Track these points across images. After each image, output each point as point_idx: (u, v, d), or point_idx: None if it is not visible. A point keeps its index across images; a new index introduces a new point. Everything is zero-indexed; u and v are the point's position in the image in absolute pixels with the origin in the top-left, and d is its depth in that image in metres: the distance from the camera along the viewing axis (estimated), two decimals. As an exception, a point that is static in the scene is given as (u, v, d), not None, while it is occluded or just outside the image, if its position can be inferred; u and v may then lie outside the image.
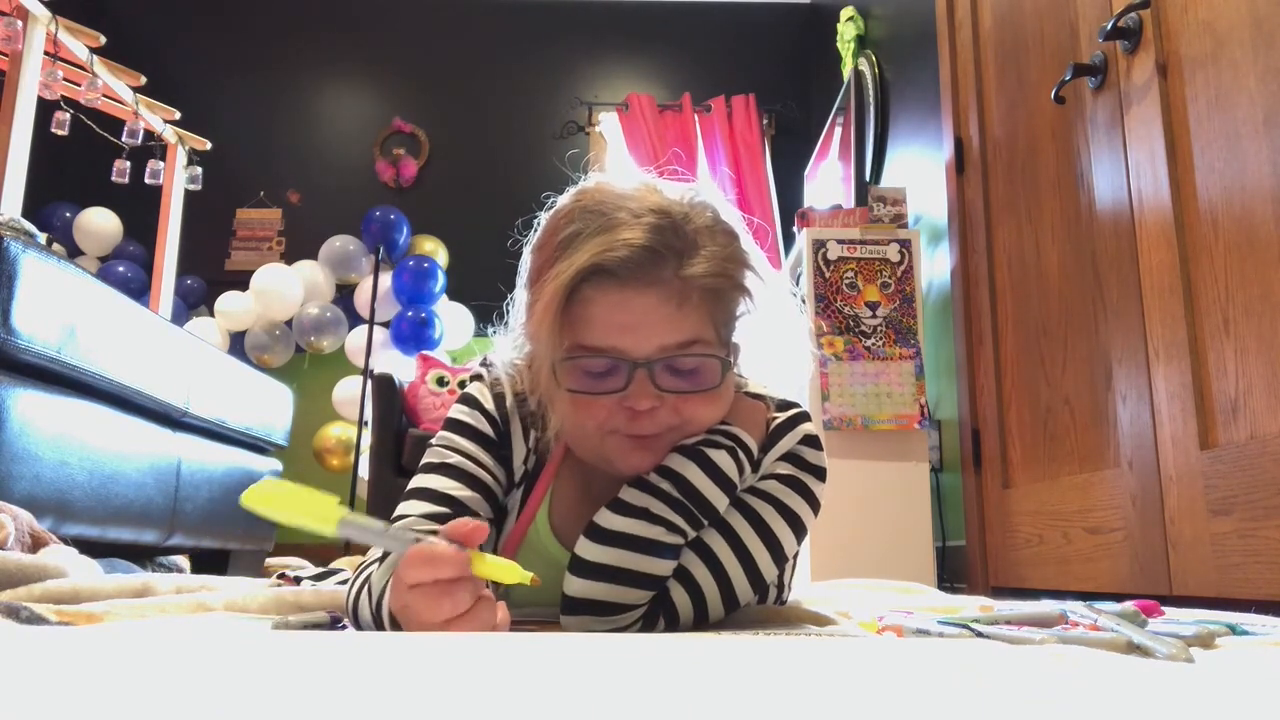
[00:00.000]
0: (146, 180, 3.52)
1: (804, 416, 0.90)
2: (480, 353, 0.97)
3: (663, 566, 0.79)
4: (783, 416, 0.89)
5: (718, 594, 0.81)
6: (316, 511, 0.62)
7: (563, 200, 0.85)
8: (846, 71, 3.69)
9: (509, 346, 0.90)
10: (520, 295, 0.88)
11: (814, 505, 0.87)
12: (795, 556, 0.92)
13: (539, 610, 0.90)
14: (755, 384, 0.92)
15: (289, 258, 4.41)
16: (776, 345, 0.90)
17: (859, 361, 2.26)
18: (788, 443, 0.87)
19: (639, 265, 0.76)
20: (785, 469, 0.87)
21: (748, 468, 0.84)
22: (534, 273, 0.84)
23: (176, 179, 3.63)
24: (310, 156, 4.65)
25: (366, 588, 0.79)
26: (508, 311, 0.92)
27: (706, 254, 0.79)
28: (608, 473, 0.85)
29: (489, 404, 0.91)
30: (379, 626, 0.75)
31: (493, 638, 0.67)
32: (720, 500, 0.82)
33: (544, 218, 0.86)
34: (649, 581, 0.79)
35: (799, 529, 0.86)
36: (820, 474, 0.88)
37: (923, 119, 2.81)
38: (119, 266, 4.11)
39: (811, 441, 0.89)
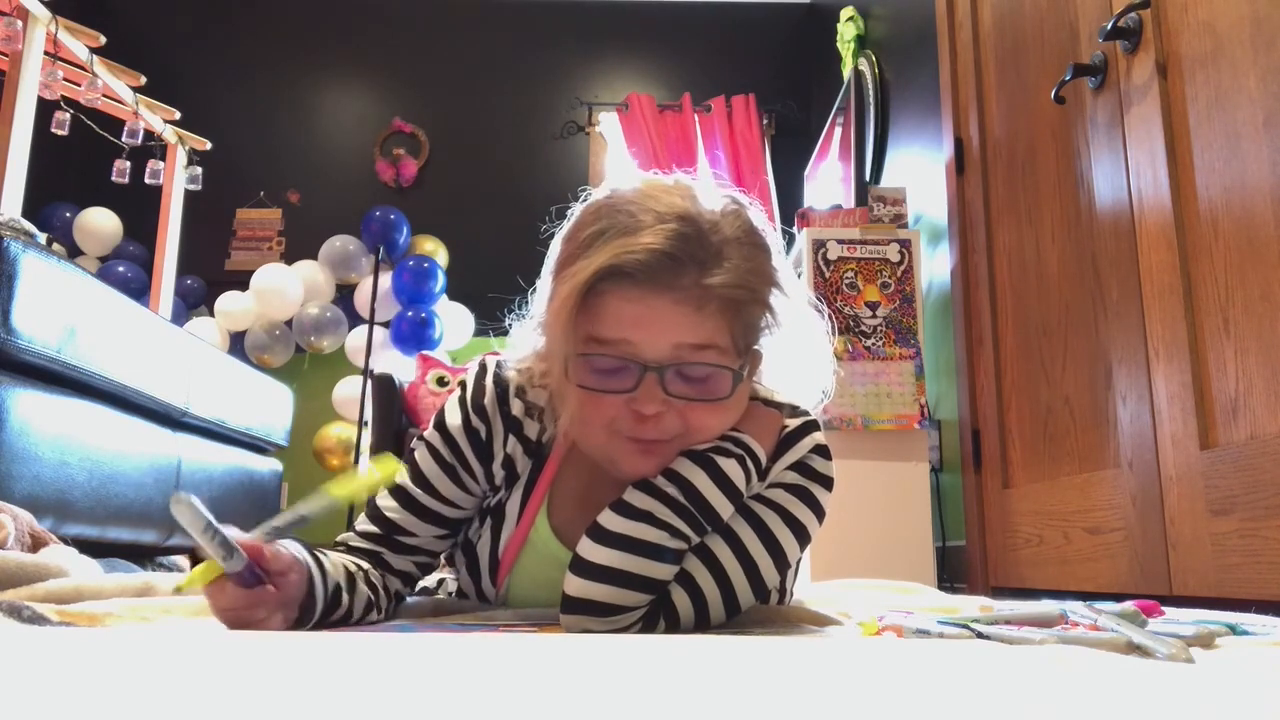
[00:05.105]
0: (146, 180, 3.52)
1: (814, 425, 0.90)
2: (480, 353, 0.98)
3: (664, 571, 0.79)
4: (794, 424, 0.89)
5: (719, 598, 0.81)
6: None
7: (597, 194, 0.85)
8: (846, 71, 3.69)
9: (526, 333, 0.90)
10: (544, 283, 0.87)
11: (819, 514, 0.87)
12: (798, 562, 0.92)
13: (538, 611, 0.90)
14: (767, 390, 0.91)
15: (289, 258, 4.41)
16: (798, 361, 0.89)
17: (859, 361, 2.26)
18: (797, 452, 0.87)
19: (657, 271, 0.76)
20: (793, 478, 0.87)
21: (755, 477, 0.84)
22: (559, 264, 0.84)
23: (176, 179, 3.62)
24: (310, 156, 4.65)
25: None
26: (520, 305, 0.92)
27: (730, 266, 0.78)
28: (611, 474, 0.85)
29: (471, 415, 0.91)
30: None
31: (492, 638, 0.67)
32: (726, 509, 0.82)
33: (577, 209, 0.85)
34: (649, 585, 0.78)
35: (803, 537, 0.86)
36: (827, 483, 0.88)
37: (923, 119, 2.81)
38: (119, 266, 4.11)
39: (821, 451, 0.89)
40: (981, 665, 0.51)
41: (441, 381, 3.38)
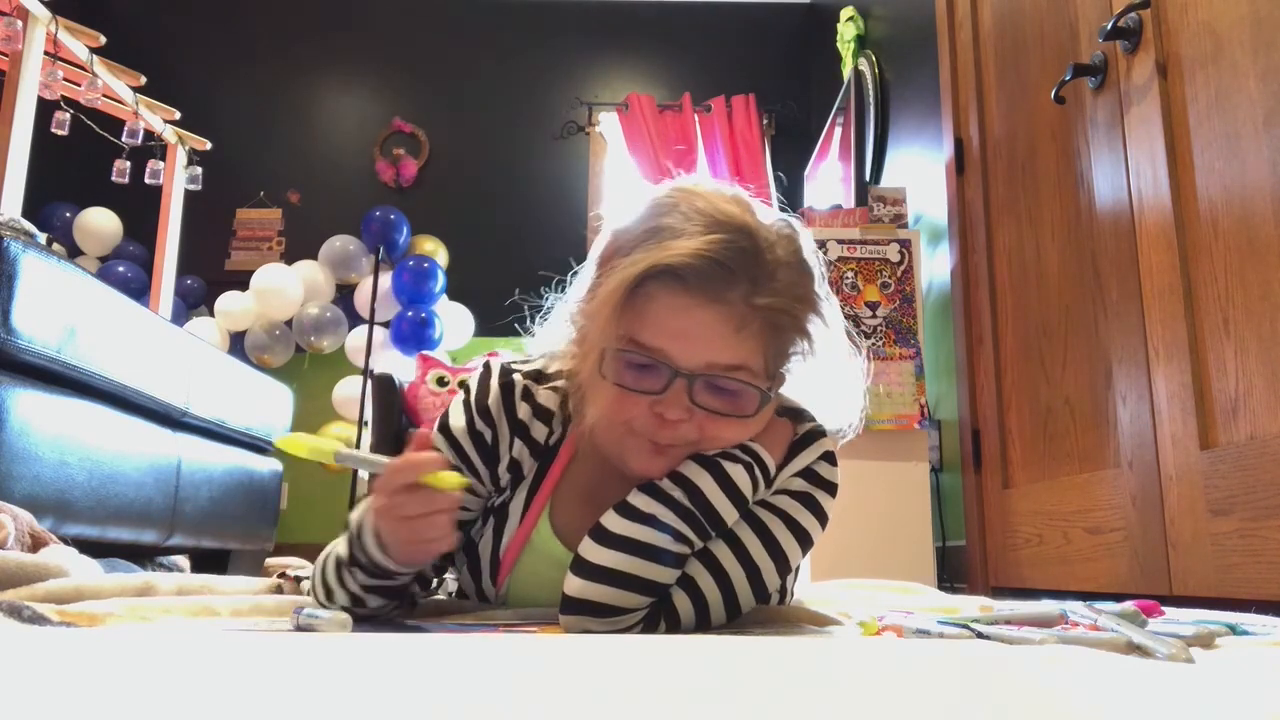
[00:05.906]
0: (146, 180, 3.52)
1: (821, 432, 0.90)
2: (481, 353, 0.98)
3: (665, 574, 0.79)
4: (802, 430, 0.89)
5: (720, 600, 0.81)
6: (321, 449, 0.78)
7: (656, 190, 0.84)
8: (846, 71, 3.69)
9: (558, 322, 0.89)
10: (588, 270, 0.87)
11: (823, 520, 0.88)
12: (799, 565, 0.93)
13: (539, 611, 0.90)
14: (779, 396, 0.91)
15: (289, 258, 4.41)
16: (828, 391, 0.89)
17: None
18: (805, 458, 0.87)
19: (709, 278, 0.75)
20: (799, 484, 0.87)
21: (762, 484, 0.84)
22: (608, 253, 0.84)
23: (176, 179, 3.62)
24: (310, 156, 4.65)
25: (333, 552, 0.86)
26: (540, 299, 0.91)
27: (779, 287, 0.78)
28: (615, 476, 0.85)
29: (476, 418, 0.91)
30: (353, 559, 0.82)
31: (492, 638, 0.67)
32: (730, 514, 0.82)
33: (636, 201, 0.85)
34: (650, 587, 0.78)
35: (806, 542, 0.86)
36: (832, 489, 0.89)
37: (923, 119, 2.81)
38: (119, 266, 4.11)
39: (828, 457, 0.89)
40: (981, 665, 0.51)
41: (441, 381, 3.38)
